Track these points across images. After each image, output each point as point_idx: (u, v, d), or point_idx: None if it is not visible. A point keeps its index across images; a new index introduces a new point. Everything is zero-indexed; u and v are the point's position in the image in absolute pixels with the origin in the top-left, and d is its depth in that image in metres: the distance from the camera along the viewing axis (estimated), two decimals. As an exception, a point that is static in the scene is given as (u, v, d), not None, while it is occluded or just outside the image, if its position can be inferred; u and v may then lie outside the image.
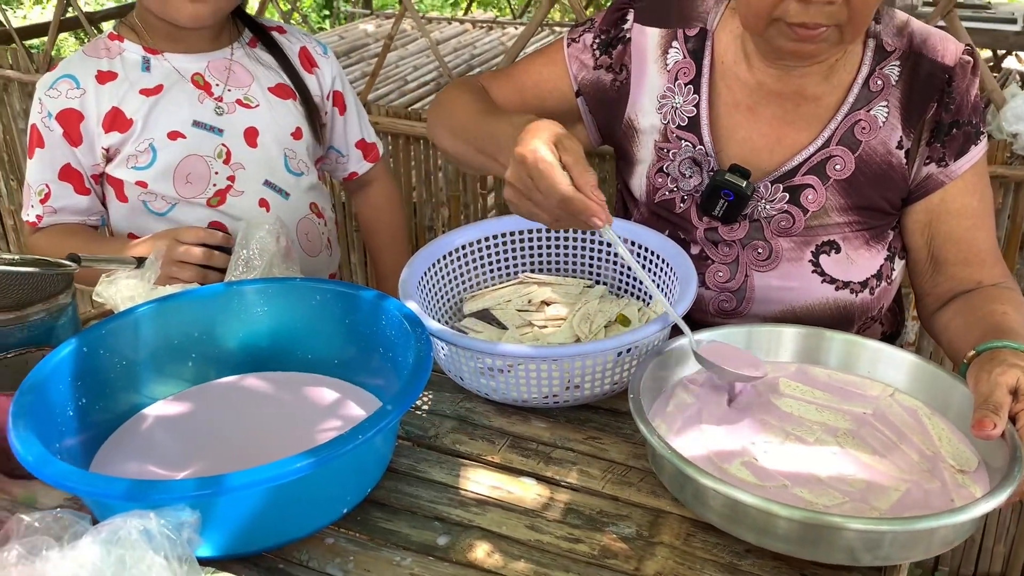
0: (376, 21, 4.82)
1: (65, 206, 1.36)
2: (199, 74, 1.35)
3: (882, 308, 1.17)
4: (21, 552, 0.68)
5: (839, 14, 0.95)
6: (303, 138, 1.43)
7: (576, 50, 1.20)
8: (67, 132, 1.31)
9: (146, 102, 1.31)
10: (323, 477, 0.76)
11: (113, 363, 0.94)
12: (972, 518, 0.74)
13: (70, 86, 1.32)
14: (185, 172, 1.34)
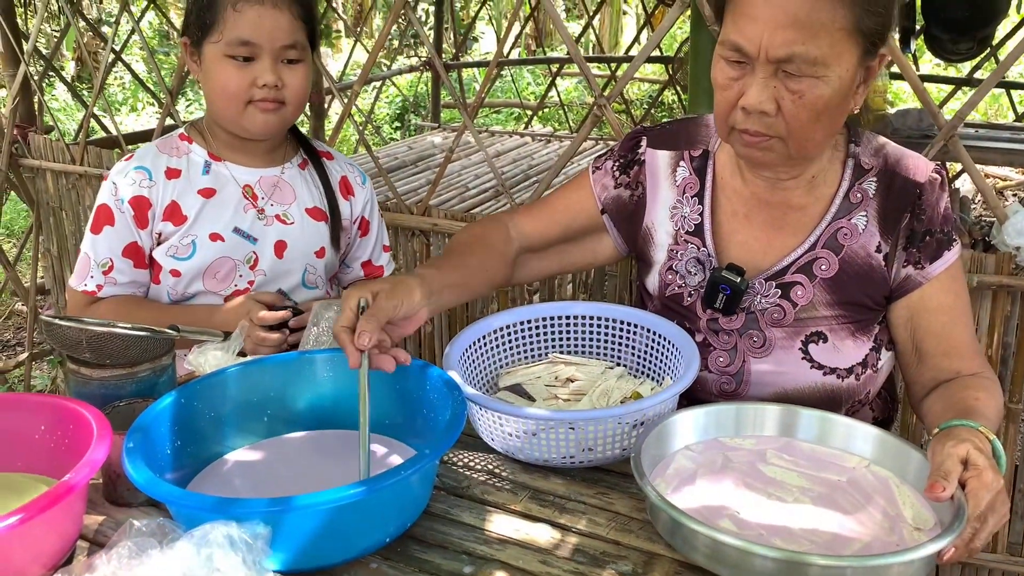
0: (443, 133, 5.18)
1: (128, 279, 1.55)
2: (250, 185, 1.56)
3: (869, 393, 1.31)
4: (132, 549, 0.86)
5: (777, 126, 1.14)
6: (325, 256, 1.62)
7: (599, 176, 1.41)
8: (137, 215, 1.52)
9: (201, 202, 1.53)
10: (370, 506, 0.93)
11: (203, 414, 1.14)
12: (918, 557, 0.87)
13: (143, 176, 1.53)
14: (215, 270, 1.54)
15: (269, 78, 1.44)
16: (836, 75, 1.12)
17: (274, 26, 1.44)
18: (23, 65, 3.16)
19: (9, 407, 1.12)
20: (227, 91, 1.46)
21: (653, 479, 1.03)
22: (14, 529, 0.85)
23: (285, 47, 1.46)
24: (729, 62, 1.15)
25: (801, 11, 1.07)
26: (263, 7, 1.43)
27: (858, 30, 1.11)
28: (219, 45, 1.44)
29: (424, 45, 7.61)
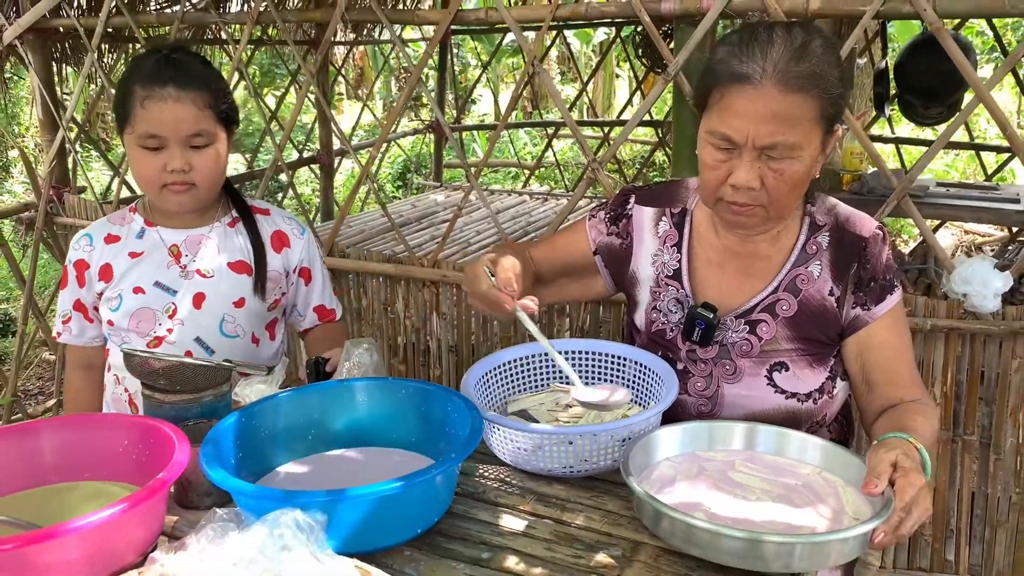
0: (445, 192, 5.44)
1: (79, 329, 1.81)
2: (176, 245, 1.76)
3: (826, 416, 1.52)
4: (216, 531, 1.06)
5: (761, 197, 1.36)
6: (244, 306, 1.77)
7: (594, 223, 1.65)
8: (78, 275, 1.78)
9: (129, 262, 1.75)
10: (405, 499, 1.14)
11: (259, 432, 1.35)
12: (851, 535, 1.08)
13: (87, 243, 1.78)
14: (137, 319, 1.74)
15: (176, 164, 1.63)
16: (808, 153, 1.35)
17: (178, 118, 1.61)
18: (60, 131, 3.42)
19: (97, 426, 1.34)
20: (143, 175, 1.67)
21: (639, 482, 1.23)
22: (116, 518, 1.06)
23: (191, 135, 1.63)
24: (718, 148, 1.37)
25: (780, 108, 1.30)
26: (165, 103, 1.60)
27: (822, 117, 1.34)
28: (133, 136, 1.64)
29: (428, 108, 7.94)
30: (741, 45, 1.33)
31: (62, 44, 3.92)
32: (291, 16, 2.86)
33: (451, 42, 5.86)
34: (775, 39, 1.32)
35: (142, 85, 1.61)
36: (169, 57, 1.65)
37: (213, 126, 1.67)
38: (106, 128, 9.79)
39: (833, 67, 1.34)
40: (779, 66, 1.30)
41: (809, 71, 1.31)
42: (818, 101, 1.32)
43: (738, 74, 1.31)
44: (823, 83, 1.32)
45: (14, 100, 8.52)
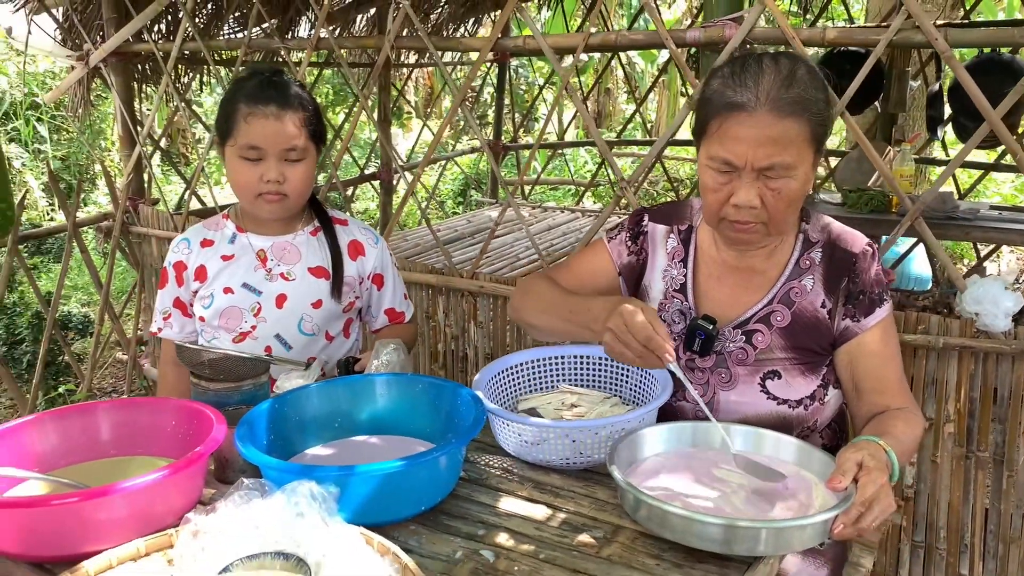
0: (500, 208, 5.62)
1: (179, 325, 1.99)
2: (263, 250, 1.94)
3: (817, 422, 1.61)
4: (243, 497, 1.22)
5: (761, 214, 1.47)
6: (322, 307, 1.94)
7: (615, 245, 1.76)
8: (177, 276, 1.96)
9: (221, 264, 1.93)
10: (411, 478, 1.28)
11: (290, 418, 1.51)
12: (809, 523, 1.18)
13: (185, 246, 1.97)
14: (226, 316, 1.92)
15: (272, 175, 1.80)
16: (802, 172, 1.46)
17: (277, 134, 1.79)
18: (138, 146, 3.70)
19: (149, 408, 1.52)
20: (240, 184, 1.85)
21: (626, 475, 1.35)
22: (161, 481, 1.23)
23: (286, 150, 1.81)
24: (719, 171, 1.48)
25: (774, 132, 1.41)
26: (267, 119, 1.78)
27: (813, 138, 1.45)
28: (235, 148, 1.82)
29: (485, 127, 8.15)
30: (734, 76, 1.45)
31: (142, 66, 4.21)
32: (347, 42, 3.06)
33: (509, 63, 6.04)
34: (765, 69, 1.44)
35: (246, 103, 1.80)
36: (271, 79, 1.84)
37: (306, 143, 1.85)
38: (186, 144, 10.28)
39: (819, 91, 1.45)
40: (771, 94, 1.41)
41: (798, 96, 1.42)
42: (808, 123, 1.43)
43: (734, 103, 1.43)
44: (811, 107, 1.43)
45: (101, 117, 9.04)
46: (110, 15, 3.58)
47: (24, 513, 1.20)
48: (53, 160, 8.76)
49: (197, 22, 4.19)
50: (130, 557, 1.20)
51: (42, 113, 8.92)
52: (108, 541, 1.20)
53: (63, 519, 1.19)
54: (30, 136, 8.87)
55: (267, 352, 1.92)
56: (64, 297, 5.99)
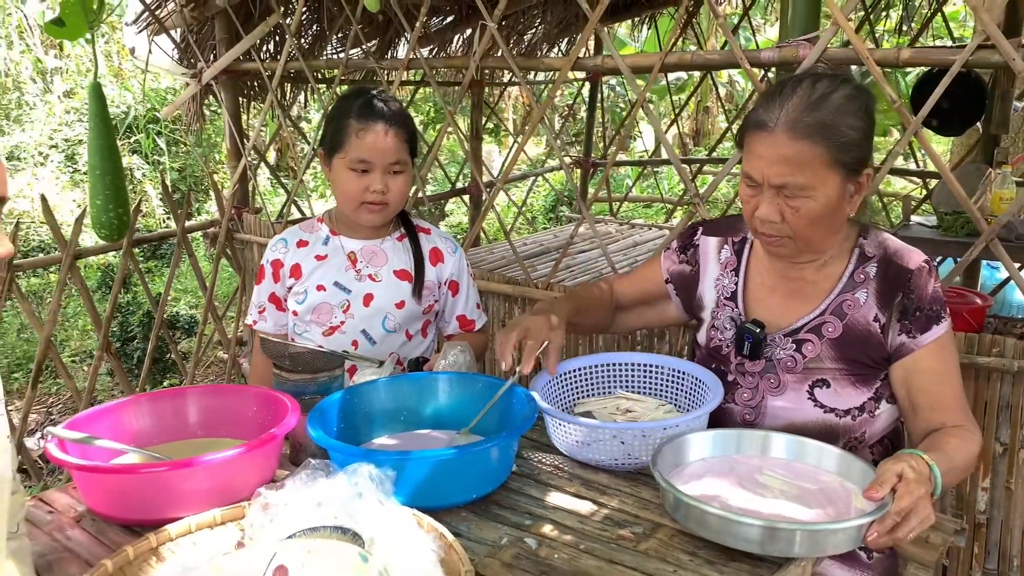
0: (587, 224, 5.69)
1: (273, 319, 2.13)
2: (354, 252, 2.08)
3: (865, 433, 1.62)
4: (308, 476, 1.33)
5: (784, 229, 1.52)
6: (404, 308, 2.06)
7: (667, 255, 1.84)
8: (274, 272, 2.10)
9: (315, 263, 2.07)
10: (462, 466, 1.37)
11: (359, 409, 1.63)
12: (841, 527, 1.22)
13: (282, 245, 2.12)
14: (318, 312, 2.06)
15: (378, 186, 1.94)
16: (823, 194, 1.50)
17: (384, 148, 1.92)
18: (243, 158, 3.94)
19: (233, 394, 1.67)
20: (347, 193, 1.98)
21: (671, 476, 1.41)
22: (237, 458, 1.36)
23: (391, 163, 1.95)
24: (747, 185, 1.56)
25: (788, 153, 1.47)
26: (377, 135, 1.92)
27: (836, 162, 1.48)
28: (344, 160, 1.95)
29: (578, 145, 8.23)
30: (768, 96, 1.51)
31: (249, 84, 4.48)
32: (436, 62, 3.21)
33: (601, 81, 6.12)
34: (796, 91, 1.49)
35: (357, 119, 1.94)
36: (378, 98, 1.99)
37: (407, 156, 1.99)
38: (294, 158, 10.75)
39: (850, 117, 1.47)
40: (791, 115, 1.47)
41: (818, 121, 1.46)
42: (825, 148, 1.46)
43: (758, 121, 1.50)
44: (832, 132, 1.46)
45: (216, 131, 9.56)
46: (222, 36, 3.84)
47: (119, 479, 1.35)
48: (170, 172, 9.31)
49: (302, 43, 4.43)
50: (207, 524, 1.33)
51: (162, 127, 9.49)
52: (189, 509, 1.33)
53: (151, 487, 1.34)
54: (150, 148, 9.45)
55: (353, 346, 2.06)
56: (174, 299, 6.38)
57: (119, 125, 9.22)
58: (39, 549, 1.34)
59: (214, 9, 3.76)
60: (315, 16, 4.32)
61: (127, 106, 9.58)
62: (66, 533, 1.39)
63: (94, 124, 2.93)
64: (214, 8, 3.75)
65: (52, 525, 1.42)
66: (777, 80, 1.60)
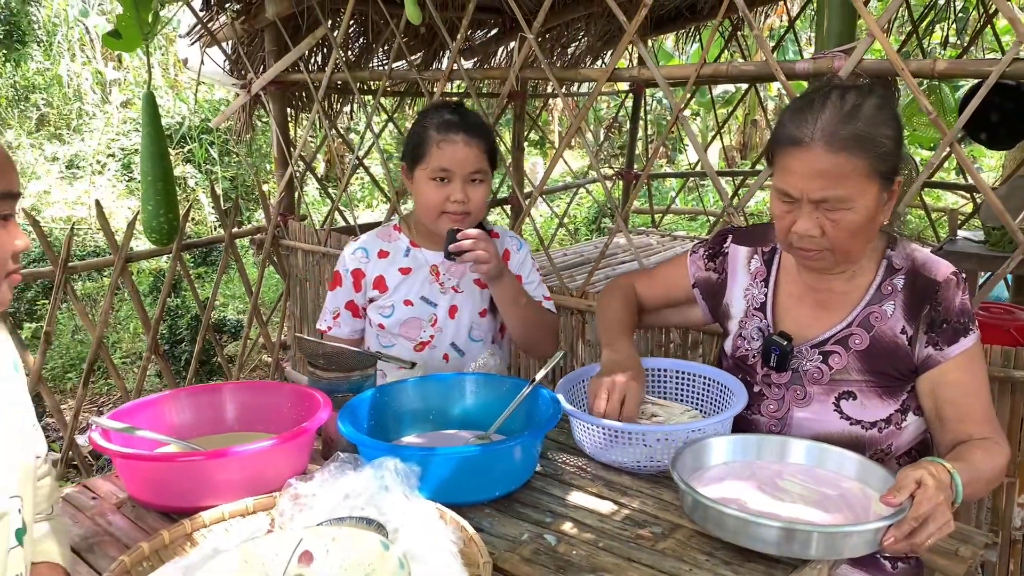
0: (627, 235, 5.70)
1: (348, 326, 2.15)
2: (436, 266, 2.10)
3: (891, 445, 1.62)
4: (337, 469, 1.38)
5: (823, 242, 1.52)
6: (486, 316, 2.11)
7: (694, 259, 1.85)
8: (354, 282, 2.12)
9: (400, 277, 2.09)
10: (486, 464, 1.41)
11: (389, 407, 1.68)
12: (856, 530, 1.23)
13: (363, 255, 2.13)
14: (407, 327, 2.08)
15: (459, 196, 1.98)
16: (862, 205, 1.50)
17: (464, 158, 1.96)
18: (290, 167, 4.04)
19: (268, 391, 1.73)
20: (428, 203, 2.01)
21: (691, 480, 1.43)
22: (270, 449, 1.42)
23: (472, 173, 1.99)
24: (782, 201, 1.55)
25: (827, 166, 1.46)
26: (457, 146, 1.96)
27: (874, 172, 1.48)
28: (426, 171, 2.00)
29: (621, 156, 8.24)
30: (798, 111, 1.51)
31: (297, 95, 4.59)
32: (476, 74, 3.27)
33: (644, 93, 6.14)
34: (827, 104, 1.48)
35: (438, 131, 1.98)
36: (458, 111, 2.04)
37: (486, 167, 2.01)
38: (343, 168, 10.93)
39: (883, 126, 1.48)
40: (827, 129, 1.46)
41: (854, 133, 1.46)
42: (864, 159, 1.46)
43: (792, 137, 1.49)
44: (869, 143, 1.46)
45: (268, 141, 9.78)
46: (271, 48, 3.95)
47: (157, 467, 1.42)
48: (222, 180, 9.53)
49: (349, 55, 4.53)
50: (240, 512, 1.38)
51: (214, 137, 9.73)
52: (223, 498, 1.39)
53: (188, 475, 1.40)
54: (203, 158, 9.70)
55: (444, 359, 2.09)
56: (221, 304, 6.53)
57: (173, 135, 9.48)
58: (81, 532, 1.41)
59: (264, 22, 3.87)
60: (361, 29, 4.42)
61: (181, 116, 9.85)
62: (107, 518, 1.46)
63: (147, 132, 3.04)
64: (264, 21, 3.86)
65: (94, 510, 1.49)
66: (802, 94, 1.61)
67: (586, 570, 1.27)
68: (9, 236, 1.10)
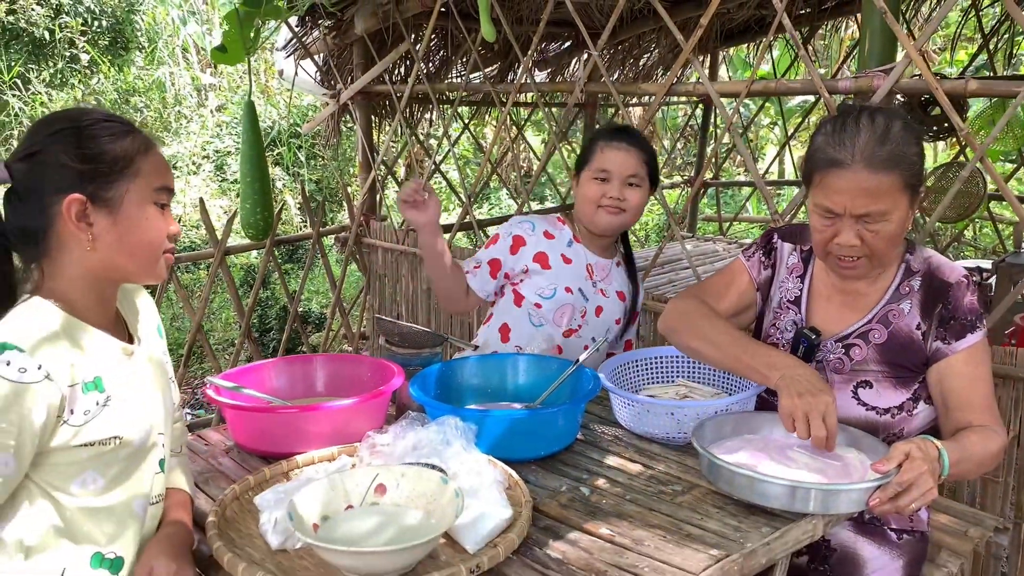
0: (694, 242, 5.87)
1: (480, 280, 2.25)
2: (591, 265, 2.32)
3: (903, 430, 1.79)
4: (406, 425, 1.64)
5: (863, 251, 1.70)
6: (619, 325, 2.35)
7: (752, 263, 2.01)
8: (513, 245, 2.26)
9: (563, 263, 2.27)
10: (532, 426, 1.66)
11: (453, 380, 1.94)
12: (844, 489, 1.44)
13: (529, 227, 2.29)
14: (561, 312, 2.27)
15: (615, 193, 2.21)
16: (897, 216, 1.68)
17: (623, 162, 2.21)
18: (373, 171, 4.36)
19: (351, 361, 2.01)
20: (587, 197, 2.24)
21: (711, 447, 1.64)
22: (353, 406, 1.69)
23: (630, 176, 2.21)
24: (823, 216, 1.73)
25: (869, 185, 1.64)
26: (617, 151, 2.21)
27: (907, 186, 1.66)
28: (589, 172, 2.24)
29: (690, 167, 8.34)
30: (834, 134, 1.68)
31: (381, 104, 4.92)
32: (544, 86, 3.52)
33: (713, 105, 6.29)
34: (861, 128, 1.66)
35: (604, 140, 2.26)
36: (623, 127, 2.33)
37: (644, 175, 2.24)
38: (422, 173, 11.32)
39: (911, 145, 1.66)
40: (866, 151, 1.64)
41: (890, 153, 1.64)
42: (900, 176, 1.64)
43: (833, 160, 1.66)
44: (904, 161, 1.64)
45: (353, 146, 10.23)
46: (359, 60, 4.28)
47: (260, 418, 1.71)
48: (308, 183, 10.02)
49: (430, 67, 4.84)
50: (326, 458, 1.66)
51: (302, 141, 10.23)
52: (313, 446, 1.67)
53: (284, 425, 1.68)
54: (291, 161, 10.20)
55: (584, 349, 2.28)
56: (307, 298, 6.93)
57: (264, 138, 10.00)
58: (198, 469, 1.71)
59: (352, 37, 4.20)
60: (442, 43, 4.73)
61: (272, 121, 10.37)
62: (218, 460, 1.76)
63: (246, 137, 3.37)
64: (352, 36, 4.19)
65: (208, 454, 1.79)
66: (832, 118, 1.79)
67: (612, 515, 1.50)
68: (166, 222, 1.39)
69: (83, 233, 1.31)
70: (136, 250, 1.36)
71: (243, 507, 1.51)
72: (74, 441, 1.27)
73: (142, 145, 1.36)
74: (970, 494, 2.49)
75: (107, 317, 1.41)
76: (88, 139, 1.31)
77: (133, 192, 1.33)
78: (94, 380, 1.30)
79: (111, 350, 1.36)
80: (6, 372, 1.19)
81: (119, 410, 1.33)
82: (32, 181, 1.30)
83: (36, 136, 1.32)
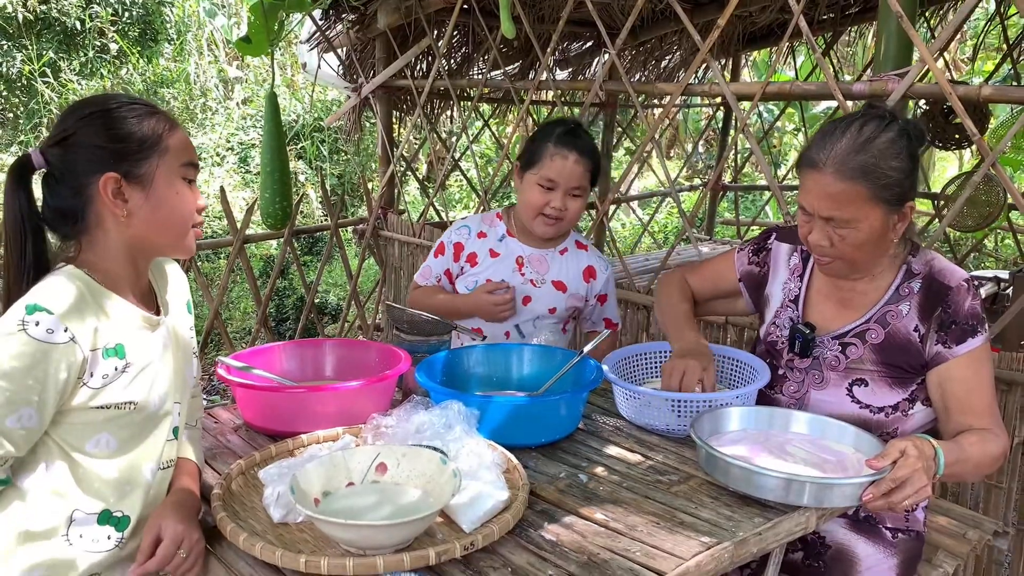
0: (711, 245, 5.88)
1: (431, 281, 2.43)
2: (522, 257, 2.38)
3: (896, 430, 1.81)
4: (410, 408, 1.68)
5: (832, 252, 1.73)
6: (555, 313, 2.38)
7: (740, 256, 2.07)
8: (454, 253, 2.41)
9: (490, 260, 2.37)
10: (533, 413, 1.69)
11: (459, 367, 1.97)
12: (838, 483, 1.46)
13: (466, 232, 2.43)
14: None
15: (557, 204, 2.26)
16: (866, 225, 1.69)
17: (571, 174, 2.24)
18: (391, 165, 4.41)
19: (359, 347, 2.06)
20: (530, 203, 2.29)
21: (710, 440, 1.67)
22: (359, 388, 1.73)
23: (574, 187, 2.26)
24: (802, 212, 1.78)
25: (833, 191, 1.67)
26: (567, 161, 2.23)
27: (877, 198, 1.67)
28: (535, 176, 2.27)
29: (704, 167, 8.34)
30: (821, 136, 1.72)
31: (402, 99, 4.97)
32: (562, 85, 3.55)
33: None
34: (846, 134, 1.68)
35: (555, 145, 2.25)
36: (575, 131, 2.32)
37: (586, 184, 2.29)
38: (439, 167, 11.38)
39: (892, 159, 1.66)
40: (838, 158, 1.66)
41: (862, 163, 1.65)
42: (868, 187, 1.65)
43: (810, 160, 1.71)
44: (874, 173, 1.65)
45: (374, 141, 10.31)
46: (381, 55, 4.33)
47: (268, 396, 1.75)
48: (330, 177, 10.10)
49: (451, 63, 4.88)
50: (331, 438, 1.70)
51: (325, 135, 10.32)
52: (319, 426, 1.71)
53: (291, 404, 1.72)
54: (314, 155, 10.29)
55: (506, 336, 2.38)
56: (323, 290, 7.00)
57: (287, 132, 10.10)
58: (207, 446, 1.76)
59: (375, 31, 4.25)
60: (464, 39, 4.77)
61: (296, 114, 10.47)
62: (227, 437, 1.80)
63: (268, 128, 3.43)
64: (375, 31, 4.24)
65: (217, 431, 1.83)
66: (834, 120, 1.81)
67: (608, 502, 1.53)
68: (194, 195, 1.46)
69: (118, 209, 1.39)
70: (168, 223, 1.44)
71: (248, 482, 1.55)
72: (91, 403, 1.34)
73: (167, 124, 1.44)
74: (973, 498, 2.49)
75: (139, 288, 1.48)
76: (118, 120, 1.38)
77: (163, 168, 1.41)
78: (116, 347, 1.37)
79: (135, 319, 1.43)
80: (35, 332, 1.26)
81: (137, 377, 1.40)
82: (67, 164, 1.38)
83: (68, 121, 1.39)
